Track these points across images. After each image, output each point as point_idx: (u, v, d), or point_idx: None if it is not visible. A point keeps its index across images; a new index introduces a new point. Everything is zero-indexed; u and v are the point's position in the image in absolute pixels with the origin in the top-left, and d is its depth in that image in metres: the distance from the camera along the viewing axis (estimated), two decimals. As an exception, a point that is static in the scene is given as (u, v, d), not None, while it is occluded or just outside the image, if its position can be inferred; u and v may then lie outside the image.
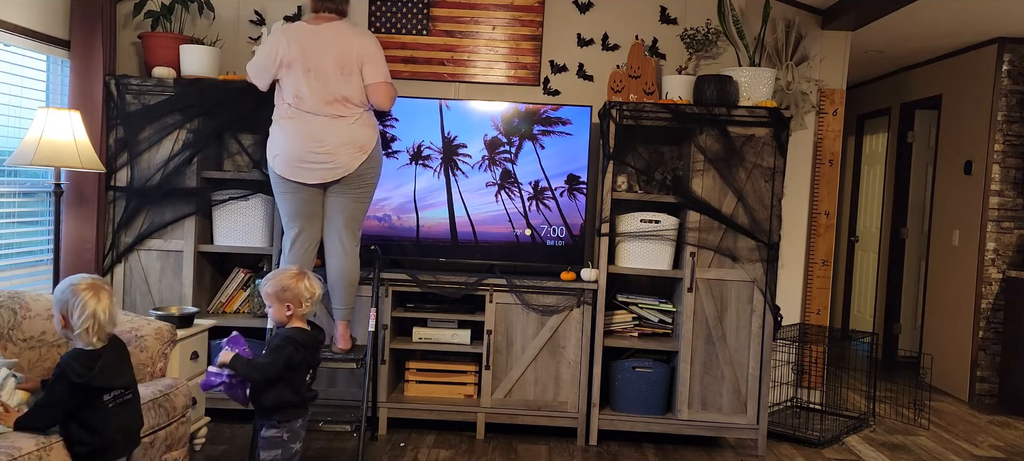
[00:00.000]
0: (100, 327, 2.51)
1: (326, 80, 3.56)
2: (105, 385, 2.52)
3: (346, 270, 3.71)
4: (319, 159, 3.55)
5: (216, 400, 4.11)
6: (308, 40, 3.57)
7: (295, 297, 2.91)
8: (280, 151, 3.59)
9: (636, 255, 4.18)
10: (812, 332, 4.74)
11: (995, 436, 4.76)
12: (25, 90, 3.92)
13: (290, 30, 3.63)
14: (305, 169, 3.57)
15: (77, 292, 2.51)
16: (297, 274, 2.96)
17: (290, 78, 3.57)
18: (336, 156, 3.56)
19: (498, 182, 4.28)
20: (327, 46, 3.57)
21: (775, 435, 4.37)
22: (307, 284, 2.94)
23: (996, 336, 5.48)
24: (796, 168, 4.59)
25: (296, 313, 2.93)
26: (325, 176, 3.59)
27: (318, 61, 3.55)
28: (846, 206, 7.63)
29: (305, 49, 3.56)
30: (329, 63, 3.56)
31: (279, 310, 2.92)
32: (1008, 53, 5.39)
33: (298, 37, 3.58)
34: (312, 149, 3.54)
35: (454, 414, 4.19)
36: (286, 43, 3.57)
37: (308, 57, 3.55)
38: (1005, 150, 5.43)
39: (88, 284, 2.54)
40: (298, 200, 3.63)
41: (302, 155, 3.55)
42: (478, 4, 4.56)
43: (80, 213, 4.04)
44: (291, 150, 3.56)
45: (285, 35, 3.60)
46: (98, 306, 2.50)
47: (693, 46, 4.40)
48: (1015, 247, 5.46)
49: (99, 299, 2.52)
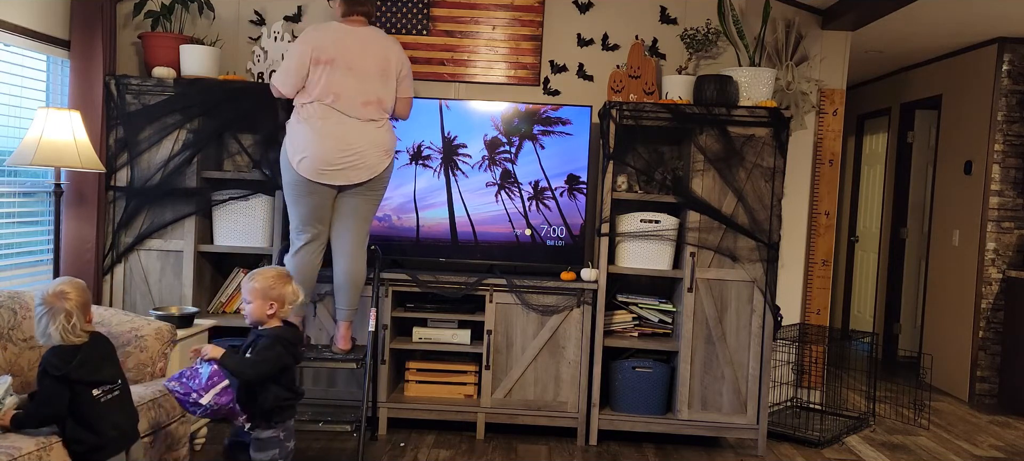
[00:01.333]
0: (73, 326, 2.56)
1: (367, 80, 3.54)
2: (86, 378, 2.56)
3: (355, 272, 3.70)
4: (349, 162, 3.51)
5: (216, 400, 4.11)
6: (349, 39, 3.54)
7: (280, 298, 2.88)
8: (308, 153, 3.48)
9: (636, 255, 4.18)
10: (812, 332, 4.74)
11: (995, 436, 4.76)
12: (25, 90, 3.92)
13: (328, 28, 3.57)
14: (334, 171, 3.51)
15: (43, 301, 2.58)
16: (286, 276, 2.96)
17: (327, 75, 3.49)
18: (365, 158, 3.54)
19: (498, 182, 4.28)
20: (368, 48, 3.56)
21: (775, 435, 4.37)
22: (293, 288, 2.93)
23: (996, 336, 5.48)
24: (796, 168, 4.59)
25: (277, 314, 2.90)
26: (352, 177, 3.55)
27: (361, 60, 3.53)
28: (846, 206, 7.63)
29: (348, 47, 3.52)
30: (371, 64, 3.55)
31: (260, 307, 2.87)
32: (1008, 53, 5.39)
33: (338, 35, 3.54)
34: (343, 150, 3.49)
35: (454, 414, 4.19)
36: (324, 40, 3.51)
37: (351, 55, 3.52)
38: (1005, 150, 5.43)
39: (54, 293, 2.58)
40: (316, 204, 3.58)
41: (332, 158, 3.49)
42: (478, 4, 4.56)
43: (80, 213, 4.04)
44: (321, 152, 3.48)
45: (322, 32, 3.54)
46: (67, 305, 2.56)
47: (693, 46, 4.40)
48: (1015, 247, 5.46)
49: (66, 299, 2.57)
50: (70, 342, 2.56)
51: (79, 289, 2.64)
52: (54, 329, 2.55)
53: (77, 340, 2.57)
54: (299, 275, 3.61)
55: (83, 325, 2.60)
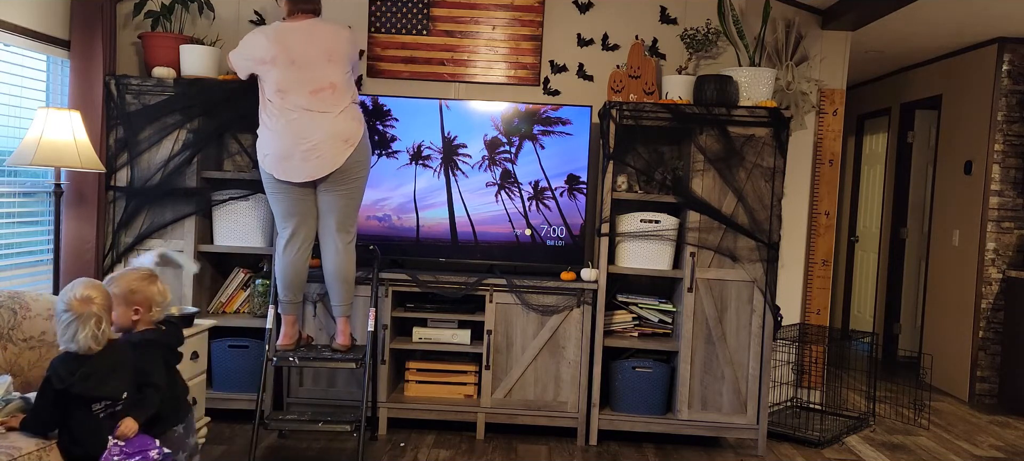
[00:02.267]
0: (103, 332, 2.51)
1: (312, 68, 3.56)
2: (87, 394, 2.48)
3: (341, 267, 3.70)
4: (305, 155, 3.53)
5: (216, 400, 4.12)
6: (290, 35, 3.60)
7: (145, 301, 2.72)
8: (269, 150, 3.58)
9: (636, 255, 4.18)
10: (812, 332, 4.74)
11: (995, 436, 4.76)
12: (25, 90, 3.92)
13: (268, 29, 3.66)
14: (292, 167, 3.56)
15: (69, 308, 2.49)
16: (149, 275, 2.78)
17: (272, 74, 3.57)
18: (320, 151, 3.53)
19: (498, 182, 4.28)
20: (312, 36, 3.60)
21: (775, 435, 4.37)
22: (160, 288, 2.77)
23: (996, 336, 5.48)
24: (796, 168, 4.59)
25: (143, 318, 2.72)
26: (312, 172, 3.56)
27: (303, 51, 3.57)
28: (846, 206, 7.63)
29: (287, 43, 3.57)
30: (314, 51, 3.58)
31: (124, 314, 2.70)
32: (1008, 53, 5.39)
33: (278, 34, 3.61)
34: (298, 145, 3.53)
35: (454, 414, 4.18)
36: (266, 41, 3.59)
37: (291, 49, 3.56)
38: (1005, 150, 5.43)
39: (80, 299, 2.50)
40: (290, 199, 3.62)
41: (288, 152, 3.54)
42: (478, 4, 4.56)
43: (80, 213, 4.04)
44: (278, 148, 3.55)
45: (264, 34, 3.63)
46: (95, 310, 2.49)
47: (693, 46, 4.40)
48: (1015, 247, 5.46)
49: (93, 304, 2.50)
50: (91, 350, 2.49)
51: (103, 293, 2.58)
52: (84, 336, 2.47)
53: (97, 347, 2.51)
54: (287, 272, 3.65)
55: (107, 331, 2.54)
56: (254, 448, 3.61)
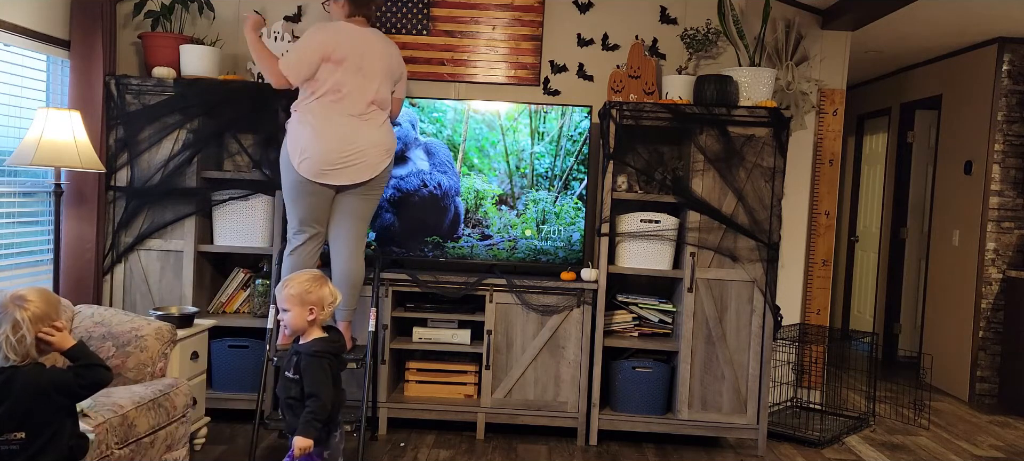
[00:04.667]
0: (19, 340, 2.26)
1: (373, 80, 3.59)
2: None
3: (353, 272, 3.71)
4: (350, 160, 3.54)
5: (216, 400, 4.12)
6: (361, 40, 3.58)
7: (318, 301, 2.77)
8: (309, 153, 3.50)
9: (636, 255, 4.18)
10: (812, 332, 4.74)
11: (995, 436, 4.76)
12: (25, 90, 3.92)
13: (340, 28, 3.58)
14: (335, 171, 3.54)
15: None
16: (321, 278, 2.83)
17: (335, 74, 3.51)
18: (366, 157, 3.57)
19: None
20: (377, 50, 3.62)
21: (775, 435, 4.37)
22: (330, 290, 2.82)
23: (996, 336, 5.48)
24: (796, 168, 4.59)
25: (317, 319, 2.79)
26: (354, 177, 3.57)
27: (370, 62, 3.58)
28: (846, 206, 7.63)
29: (359, 48, 3.56)
30: (378, 66, 3.61)
31: (300, 315, 2.75)
32: (1008, 53, 5.39)
33: (350, 35, 3.56)
34: (344, 149, 3.52)
35: (454, 414, 4.19)
36: (338, 39, 3.53)
37: (362, 56, 3.56)
38: (1005, 150, 5.43)
39: (12, 296, 2.31)
40: (316, 204, 3.60)
41: (334, 158, 3.51)
42: (478, 4, 4.56)
43: (80, 213, 4.04)
44: (323, 152, 3.50)
45: (334, 32, 3.55)
46: (18, 315, 2.26)
47: (693, 46, 4.40)
48: (1015, 247, 5.46)
49: (24, 308, 2.28)
50: (8, 360, 2.25)
51: (45, 302, 2.32)
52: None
53: (14, 358, 2.25)
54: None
55: (28, 347, 2.27)
56: (254, 448, 3.61)
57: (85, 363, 2.36)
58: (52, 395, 2.29)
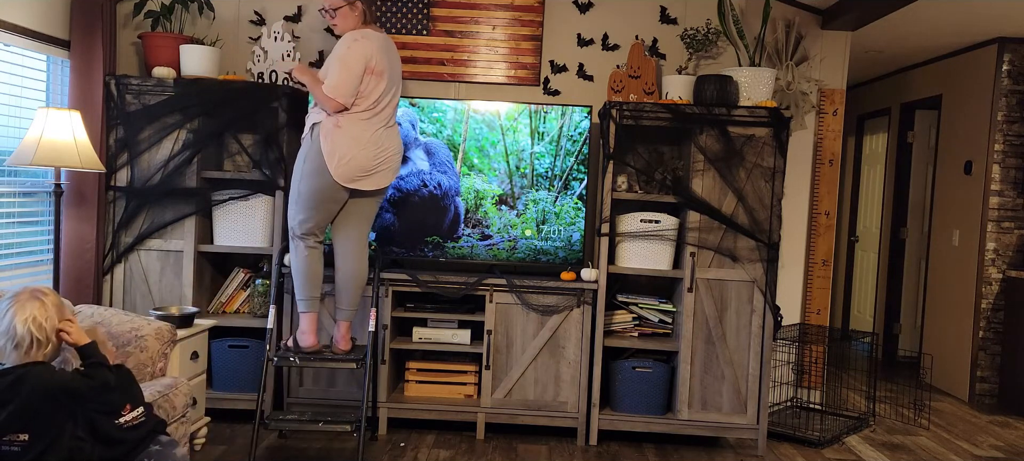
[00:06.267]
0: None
1: (397, 87, 3.68)
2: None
3: (358, 272, 3.73)
4: (381, 166, 3.61)
5: (216, 400, 4.12)
6: (388, 48, 3.63)
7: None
8: (350, 157, 3.50)
9: (636, 255, 4.18)
10: (812, 332, 4.74)
11: (995, 436, 4.76)
12: (25, 90, 3.92)
13: (372, 38, 3.56)
14: (366, 177, 3.58)
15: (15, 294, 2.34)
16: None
17: (377, 86, 3.54)
18: (392, 162, 3.67)
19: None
20: (395, 57, 3.68)
21: (775, 435, 4.37)
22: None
23: (996, 336, 5.48)
24: (796, 168, 4.59)
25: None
26: (380, 182, 3.64)
27: (395, 69, 3.66)
28: (846, 206, 7.63)
29: (389, 57, 3.61)
30: (398, 73, 3.70)
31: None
32: (1008, 53, 5.38)
33: (382, 45, 3.59)
34: (378, 156, 3.58)
35: (454, 414, 4.18)
36: (375, 51, 3.53)
37: (393, 67, 3.62)
38: (1005, 150, 5.43)
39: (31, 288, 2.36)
40: (334, 207, 3.63)
41: (369, 164, 3.56)
42: (478, 4, 4.56)
43: (80, 213, 4.04)
44: (361, 159, 3.53)
45: (371, 42, 3.54)
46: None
47: (693, 46, 4.40)
48: (1015, 247, 5.46)
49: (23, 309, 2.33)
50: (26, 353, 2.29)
51: (58, 297, 2.37)
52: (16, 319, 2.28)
53: (39, 338, 2.33)
54: (314, 272, 3.66)
55: (49, 333, 2.33)
56: (254, 448, 3.61)
57: (95, 362, 2.36)
58: (59, 398, 2.30)
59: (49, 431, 2.28)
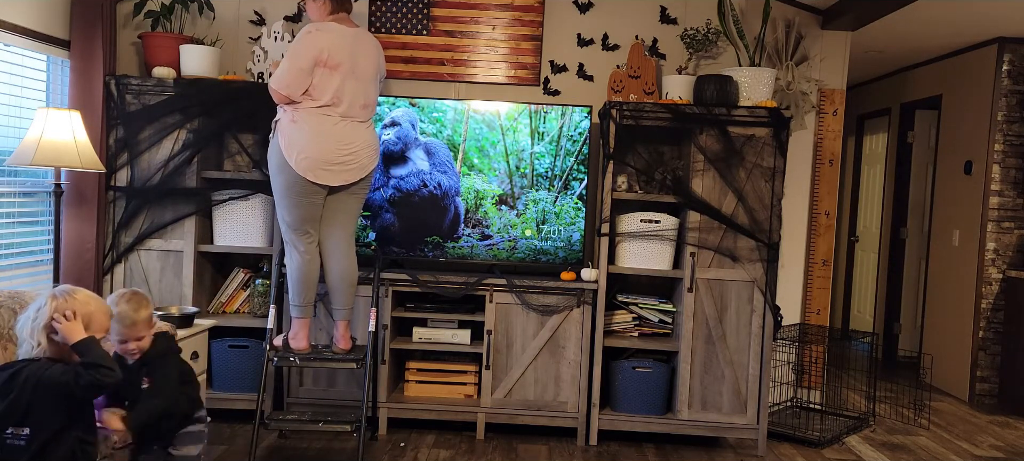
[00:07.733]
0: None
1: (366, 85, 3.61)
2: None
3: (349, 271, 3.72)
4: (346, 161, 3.56)
5: (216, 400, 4.12)
6: (352, 44, 3.56)
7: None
8: (308, 153, 3.48)
9: (636, 255, 4.18)
10: (812, 332, 4.74)
11: (995, 436, 4.76)
12: (25, 90, 3.92)
13: (331, 30, 3.51)
14: (332, 171, 3.54)
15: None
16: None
17: (331, 79, 3.49)
18: (360, 157, 3.60)
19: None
20: (367, 52, 3.62)
21: (775, 435, 4.37)
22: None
23: (996, 336, 5.48)
24: (796, 168, 4.59)
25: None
26: (347, 178, 3.59)
27: (362, 66, 3.59)
28: (846, 206, 7.63)
29: (352, 51, 3.54)
30: (370, 69, 3.63)
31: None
32: (1008, 53, 5.38)
33: (342, 39, 3.52)
34: (341, 151, 3.53)
35: (454, 414, 4.18)
36: (330, 43, 3.48)
37: (355, 61, 3.55)
38: (1005, 150, 5.43)
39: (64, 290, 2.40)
40: (312, 205, 3.59)
41: (332, 157, 3.51)
42: (478, 4, 4.56)
43: (80, 213, 4.04)
44: (320, 152, 3.49)
45: (326, 35, 3.49)
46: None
47: (693, 46, 4.40)
48: (1015, 247, 5.46)
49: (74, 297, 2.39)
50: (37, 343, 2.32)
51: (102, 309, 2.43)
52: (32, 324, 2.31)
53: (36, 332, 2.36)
54: (309, 276, 3.64)
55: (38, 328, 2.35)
56: (254, 448, 3.61)
57: (89, 362, 2.37)
58: (49, 392, 2.30)
59: (47, 427, 2.30)
